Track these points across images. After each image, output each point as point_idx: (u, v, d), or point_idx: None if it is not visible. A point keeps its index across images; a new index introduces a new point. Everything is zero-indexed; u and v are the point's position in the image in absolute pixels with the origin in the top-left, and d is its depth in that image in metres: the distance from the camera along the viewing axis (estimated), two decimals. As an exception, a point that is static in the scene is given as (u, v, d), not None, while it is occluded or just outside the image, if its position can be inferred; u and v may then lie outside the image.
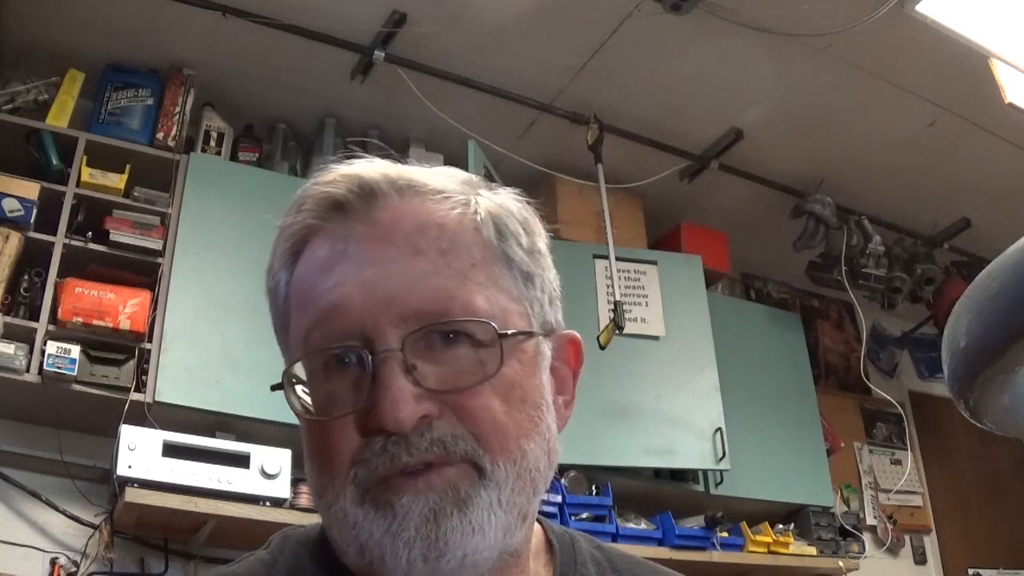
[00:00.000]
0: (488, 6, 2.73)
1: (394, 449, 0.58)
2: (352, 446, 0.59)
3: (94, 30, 2.75)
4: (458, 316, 0.60)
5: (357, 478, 0.59)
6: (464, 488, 0.58)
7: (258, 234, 3.05)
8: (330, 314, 0.60)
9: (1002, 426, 0.53)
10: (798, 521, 3.36)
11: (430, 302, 0.59)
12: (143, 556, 2.49)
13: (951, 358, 0.49)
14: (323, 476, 0.61)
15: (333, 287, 0.61)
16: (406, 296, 0.59)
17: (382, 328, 0.59)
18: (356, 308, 0.60)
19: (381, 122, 3.23)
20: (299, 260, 0.65)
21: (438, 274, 0.60)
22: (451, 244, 0.62)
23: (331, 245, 0.63)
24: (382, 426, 0.57)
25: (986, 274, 0.48)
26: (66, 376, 2.28)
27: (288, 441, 2.36)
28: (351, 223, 0.63)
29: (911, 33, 2.66)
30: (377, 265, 0.61)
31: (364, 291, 0.60)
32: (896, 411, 4.08)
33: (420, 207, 0.63)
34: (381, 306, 0.59)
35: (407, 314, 0.59)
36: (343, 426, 0.59)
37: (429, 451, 0.58)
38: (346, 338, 0.60)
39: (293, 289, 0.65)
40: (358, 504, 0.59)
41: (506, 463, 0.59)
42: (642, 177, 3.37)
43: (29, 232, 2.42)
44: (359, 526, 0.59)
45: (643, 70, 3.01)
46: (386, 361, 0.58)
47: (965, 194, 3.66)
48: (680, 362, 3.20)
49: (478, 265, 0.62)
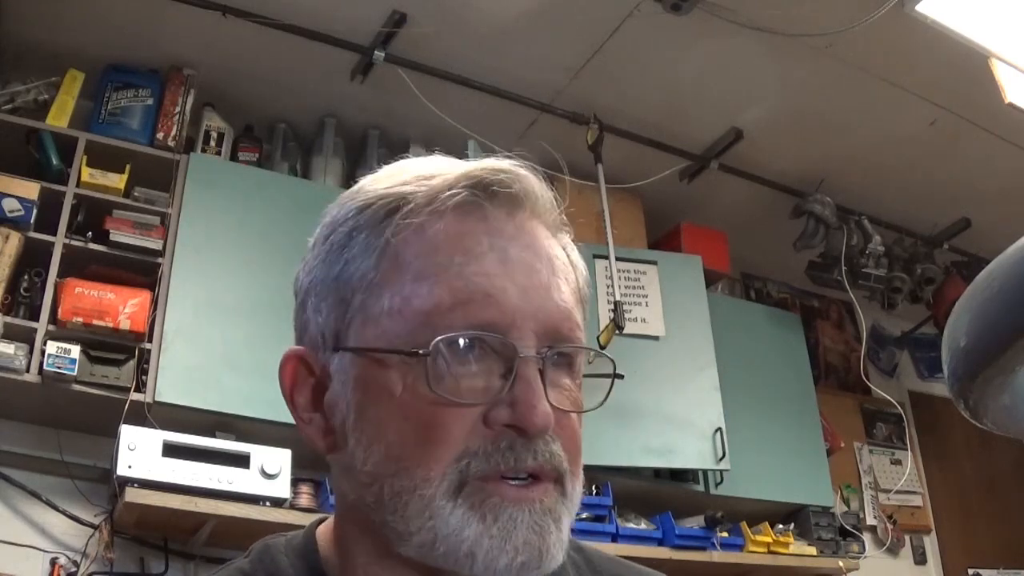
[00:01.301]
0: (488, 6, 2.73)
1: (522, 450, 0.58)
2: (467, 434, 0.58)
3: (94, 30, 2.75)
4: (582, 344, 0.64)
5: (468, 469, 0.58)
6: (557, 507, 0.60)
7: (258, 234, 3.06)
8: (480, 301, 0.59)
9: (1002, 426, 0.53)
10: (798, 521, 3.36)
11: (566, 322, 0.63)
12: (143, 556, 2.49)
13: (951, 358, 0.49)
14: (410, 458, 0.59)
15: (488, 275, 0.60)
16: (552, 312, 0.62)
17: (528, 333, 0.60)
18: (509, 305, 0.60)
19: (381, 122, 3.23)
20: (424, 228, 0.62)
21: (568, 299, 0.64)
22: (568, 277, 0.66)
23: (479, 230, 0.62)
24: (527, 425, 0.58)
25: (986, 274, 0.48)
26: (66, 376, 2.28)
27: (288, 441, 2.36)
28: (502, 217, 0.63)
29: (911, 33, 2.66)
30: (529, 272, 0.62)
31: (519, 291, 0.61)
32: (896, 411, 4.08)
33: (545, 231, 0.66)
34: (531, 312, 0.61)
35: (548, 327, 0.61)
36: (461, 413, 0.59)
37: (548, 461, 0.59)
38: (492, 329, 0.59)
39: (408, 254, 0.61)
40: (450, 496, 0.58)
41: (577, 486, 0.63)
42: (642, 177, 3.37)
43: (29, 232, 2.42)
44: (442, 519, 0.58)
45: (643, 70, 3.01)
46: (532, 365, 0.60)
47: (965, 194, 3.66)
48: (680, 362, 3.20)
49: (578, 305, 0.66)
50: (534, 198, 0.65)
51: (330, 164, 3.11)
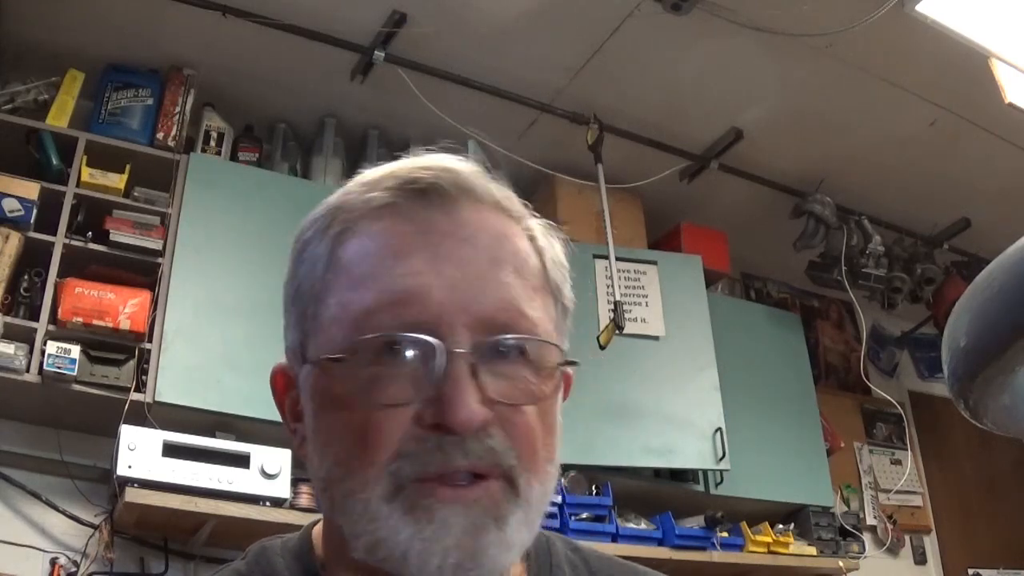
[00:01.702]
0: (488, 6, 2.73)
1: (451, 449, 0.57)
2: (398, 437, 0.58)
3: (94, 30, 2.75)
4: (527, 333, 0.61)
5: (400, 471, 0.57)
6: (502, 505, 0.58)
7: (258, 234, 3.06)
8: (404, 300, 0.59)
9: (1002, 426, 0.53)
10: (798, 521, 3.36)
11: (504, 313, 0.60)
12: (143, 556, 2.49)
13: (951, 358, 0.49)
14: (351, 462, 0.59)
15: (410, 274, 0.60)
16: (484, 302, 0.60)
17: (457, 327, 0.58)
18: (433, 301, 0.59)
19: (381, 122, 3.23)
20: (360, 234, 0.63)
21: (512, 288, 0.61)
22: (522, 264, 0.63)
23: (409, 230, 0.62)
24: (450, 423, 0.56)
25: (986, 274, 0.48)
26: (66, 376, 2.28)
27: (288, 441, 2.35)
28: (433, 213, 0.62)
29: (911, 33, 2.66)
30: (458, 264, 0.60)
31: (444, 286, 0.59)
32: (896, 411, 4.08)
33: (498, 220, 0.64)
34: (459, 305, 0.59)
35: (483, 320, 0.59)
36: (393, 415, 0.58)
37: (483, 458, 0.58)
38: (416, 328, 0.58)
39: (347, 261, 0.62)
40: (387, 499, 0.57)
41: (536, 483, 0.60)
42: (642, 177, 3.37)
43: (29, 232, 2.42)
44: (380, 521, 0.57)
45: (643, 70, 3.01)
46: (458, 360, 0.58)
47: (965, 194, 3.66)
48: (680, 362, 3.20)
49: (538, 290, 0.64)
50: (470, 189, 0.64)
51: (330, 164, 3.11)
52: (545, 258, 0.66)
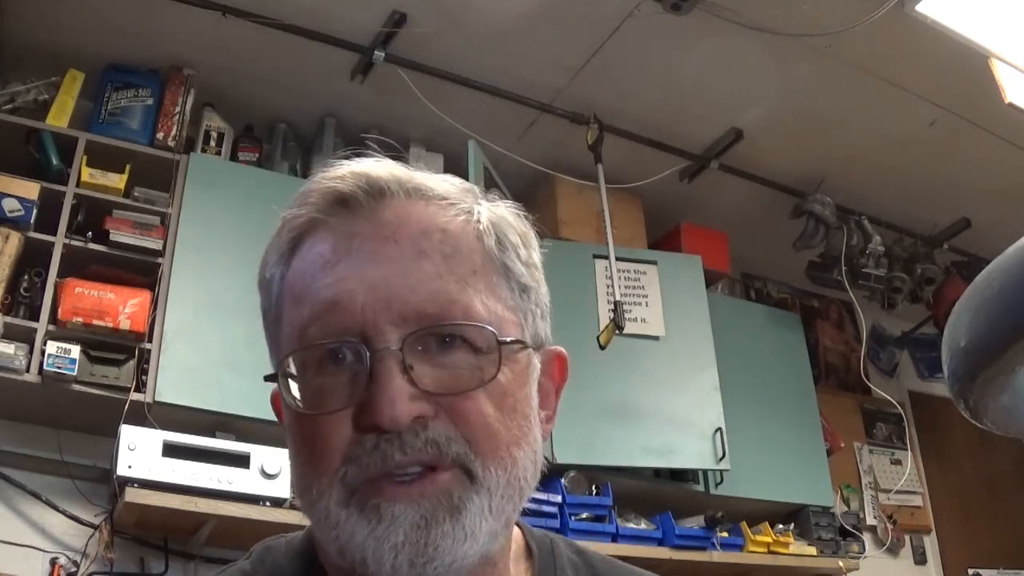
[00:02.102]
0: (488, 6, 2.73)
1: (387, 447, 0.57)
2: (343, 443, 0.58)
3: (94, 30, 2.75)
4: (458, 320, 0.60)
5: (347, 477, 0.58)
6: (457, 494, 0.58)
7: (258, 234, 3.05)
8: (330, 309, 0.60)
9: (1002, 426, 0.53)
10: (798, 521, 3.36)
11: (431, 304, 0.60)
12: (143, 556, 2.49)
13: (951, 358, 0.49)
14: (309, 473, 0.60)
15: (335, 282, 0.61)
16: (408, 296, 0.59)
17: (382, 326, 0.59)
18: (357, 305, 0.59)
19: (381, 122, 3.22)
20: (297, 253, 0.65)
21: (440, 277, 0.61)
22: (454, 250, 0.62)
23: (334, 241, 0.63)
24: (377, 423, 0.57)
25: (986, 274, 0.48)
26: (66, 376, 2.28)
27: (288, 441, 2.36)
28: (356, 220, 0.63)
29: (911, 33, 2.66)
30: (381, 263, 0.61)
31: (366, 288, 0.60)
32: (896, 411, 4.08)
33: (425, 211, 0.64)
34: (382, 304, 0.59)
35: (408, 314, 0.59)
36: (335, 422, 0.59)
37: (423, 451, 0.57)
38: (344, 334, 0.59)
39: (289, 282, 0.65)
40: (343, 504, 0.58)
41: (497, 469, 0.60)
42: (642, 177, 3.37)
43: (29, 232, 2.42)
44: (340, 527, 0.58)
45: (643, 70, 3.01)
46: (383, 359, 0.58)
47: (965, 194, 3.66)
48: (680, 362, 3.20)
49: (478, 272, 0.63)
50: (388, 189, 0.64)
51: (330, 164, 3.11)
52: (486, 240, 0.65)
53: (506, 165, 3.13)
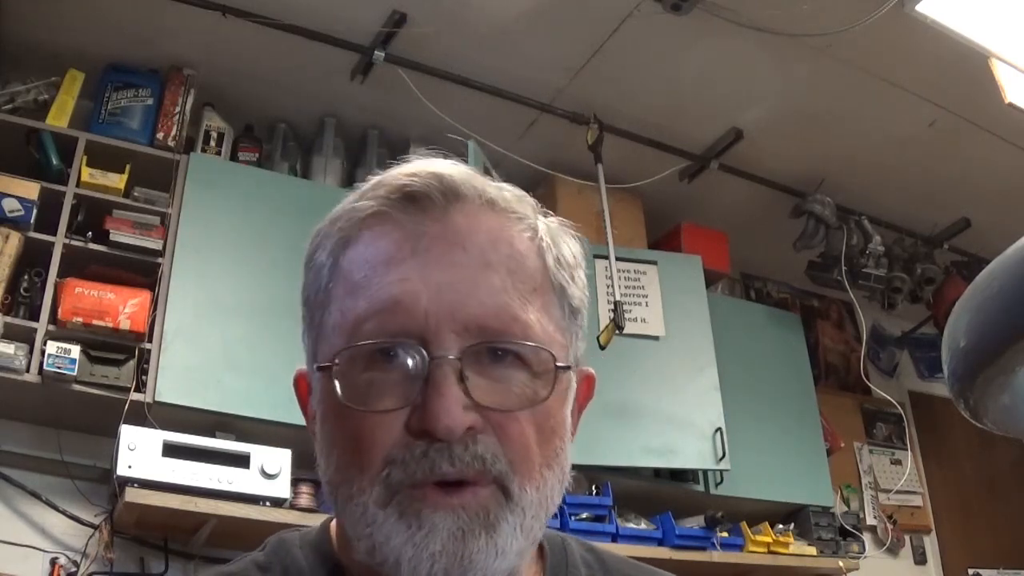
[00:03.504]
0: (488, 6, 2.73)
1: (436, 456, 0.57)
2: (390, 443, 0.58)
3: (94, 30, 2.75)
4: (518, 338, 0.60)
5: (389, 478, 0.58)
6: (493, 512, 0.58)
7: (258, 234, 3.06)
8: (392, 307, 0.59)
9: (1002, 426, 0.53)
10: (798, 521, 3.36)
11: (494, 318, 0.60)
12: (143, 556, 2.49)
13: (951, 358, 0.49)
14: (349, 467, 0.60)
15: (398, 280, 0.60)
16: (472, 307, 0.59)
17: (444, 334, 0.59)
18: (420, 307, 0.59)
19: (381, 122, 3.23)
20: (357, 243, 0.64)
21: (505, 292, 0.61)
22: (518, 265, 0.62)
23: (400, 237, 0.62)
24: (431, 430, 0.57)
25: (986, 274, 0.48)
26: (66, 376, 2.28)
27: (288, 441, 2.36)
28: (425, 220, 0.62)
29: (911, 33, 2.66)
30: (447, 269, 0.60)
31: (431, 292, 0.59)
32: (896, 411, 4.08)
33: (494, 221, 0.64)
34: (447, 311, 0.59)
35: (470, 325, 0.59)
36: (383, 421, 0.59)
37: (470, 465, 0.58)
38: (404, 334, 0.59)
39: (345, 271, 0.63)
40: (382, 505, 0.58)
41: (531, 489, 0.60)
42: (642, 177, 3.37)
43: (29, 232, 2.42)
44: (377, 526, 0.58)
45: (643, 70, 3.01)
46: (442, 366, 0.58)
47: (965, 194, 3.66)
48: (680, 362, 3.20)
49: (538, 291, 0.63)
50: (462, 194, 0.63)
51: (330, 164, 3.11)
52: (547, 258, 0.65)
53: (506, 165, 3.13)
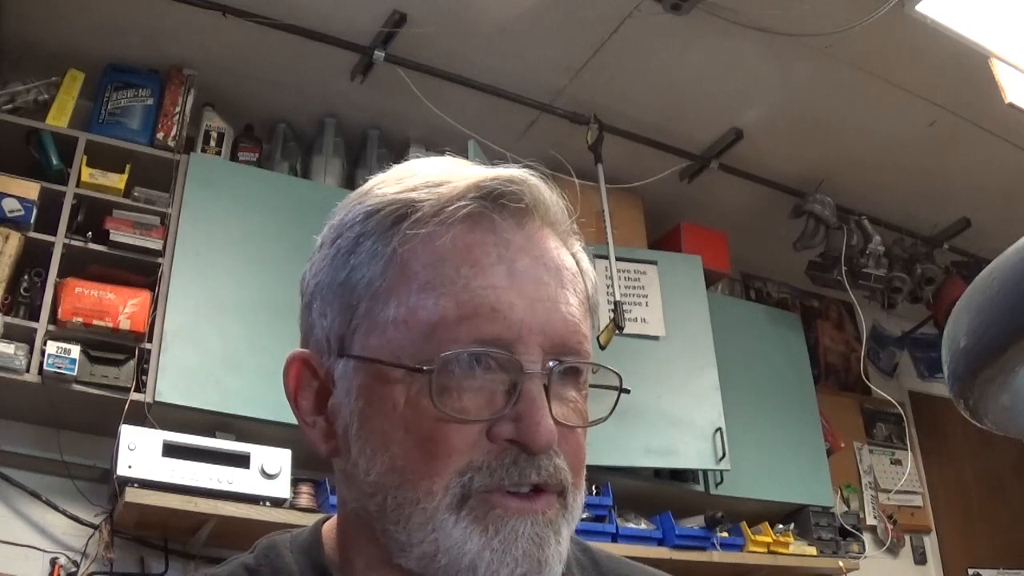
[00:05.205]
0: (488, 6, 2.73)
1: (526, 466, 0.58)
2: (470, 449, 0.58)
3: (94, 30, 2.75)
4: (586, 357, 0.63)
5: (471, 482, 0.58)
6: (558, 518, 0.61)
7: (258, 234, 3.05)
8: (487, 315, 0.59)
9: (1002, 426, 0.53)
10: (798, 521, 3.36)
11: (572, 335, 0.62)
12: (143, 556, 2.49)
13: (951, 358, 0.49)
14: (412, 470, 0.58)
15: (491, 287, 0.59)
16: (559, 325, 0.61)
17: (534, 347, 0.59)
18: (515, 320, 0.59)
19: (381, 122, 3.23)
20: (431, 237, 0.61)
21: (576, 311, 0.63)
22: (577, 287, 0.64)
23: (485, 241, 0.61)
24: (530, 442, 0.58)
25: (986, 274, 0.48)
26: (66, 376, 2.28)
27: (288, 441, 2.36)
28: (508, 227, 0.62)
29: (911, 33, 2.66)
30: (538, 285, 0.61)
31: (526, 306, 0.60)
32: (896, 411, 4.08)
33: (555, 240, 0.65)
34: (538, 327, 0.60)
35: (556, 341, 0.61)
36: (464, 428, 0.58)
37: (552, 477, 0.59)
38: (497, 344, 0.59)
39: (417, 264, 0.60)
40: (454, 509, 0.58)
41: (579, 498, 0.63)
42: (642, 177, 3.37)
43: (29, 232, 2.42)
44: (444, 532, 0.58)
45: (643, 70, 3.01)
46: (536, 380, 0.59)
47: (965, 194, 3.66)
48: (680, 362, 3.20)
49: (586, 313, 0.65)
50: (544, 207, 0.64)
51: (330, 164, 3.11)
52: (588, 281, 0.67)
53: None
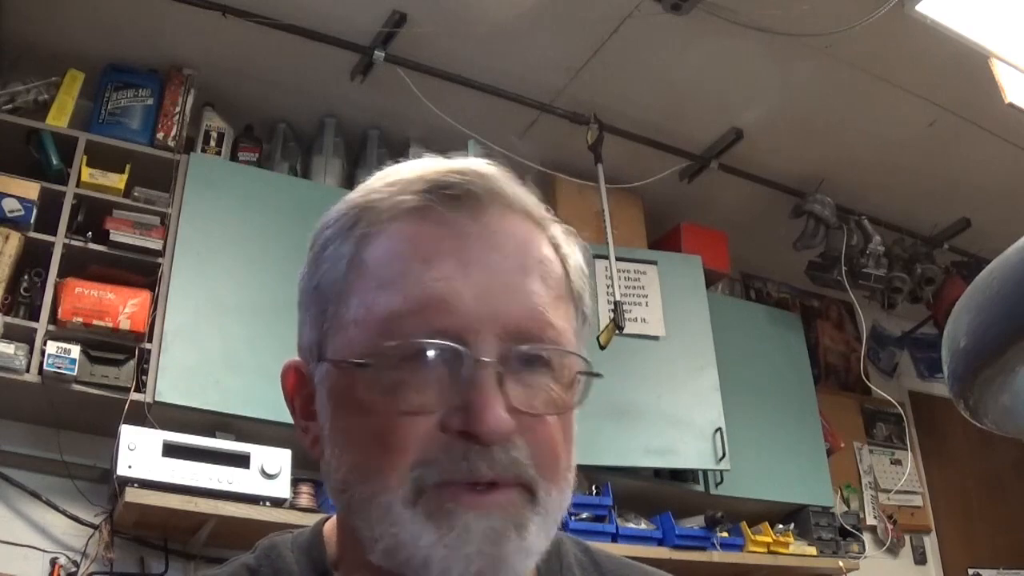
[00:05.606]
0: (488, 6, 2.73)
1: (476, 458, 0.57)
2: (422, 442, 0.57)
3: (94, 30, 2.75)
4: (553, 344, 0.61)
5: (421, 478, 0.57)
6: (522, 512, 0.58)
7: (258, 234, 3.06)
8: (434, 307, 0.58)
9: (1002, 426, 0.53)
10: (798, 521, 3.36)
11: (532, 322, 0.60)
12: (143, 556, 2.49)
13: (951, 358, 0.49)
14: (371, 466, 0.58)
15: (442, 279, 0.59)
16: (514, 311, 0.59)
17: (486, 336, 0.58)
18: (463, 308, 0.58)
19: (381, 122, 3.23)
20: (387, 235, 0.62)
21: (540, 297, 0.61)
22: (547, 272, 0.63)
23: (437, 234, 0.61)
24: (477, 433, 0.56)
25: (986, 274, 0.48)
26: (66, 376, 2.28)
27: (288, 441, 2.36)
28: (462, 217, 0.61)
29: (911, 33, 2.66)
30: (489, 272, 0.60)
31: (475, 294, 0.59)
32: (896, 411, 4.08)
33: (524, 227, 0.64)
34: (489, 314, 0.58)
35: (511, 328, 0.59)
36: (416, 421, 0.58)
37: (507, 469, 0.57)
38: (445, 334, 0.58)
39: (375, 263, 0.61)
40: (409, 505, 0.57)
41: (555, 492, 0.60)
42: (642, 177, 3.37)
43: (29, 232, 2.42)
44: (402, 526, 0.57)
45: (643, 70, 3.01)
46: (486, 369, 0.57)
47: (965, 194, 3.66)
48: (680, 362, 3.20)
49: (562, 299, 0.63)
50: (504, 196, 0.63)
51: (330, 164, 3.11)
52: (568, 265, 0.66)
53: (506, 165, 3.12)
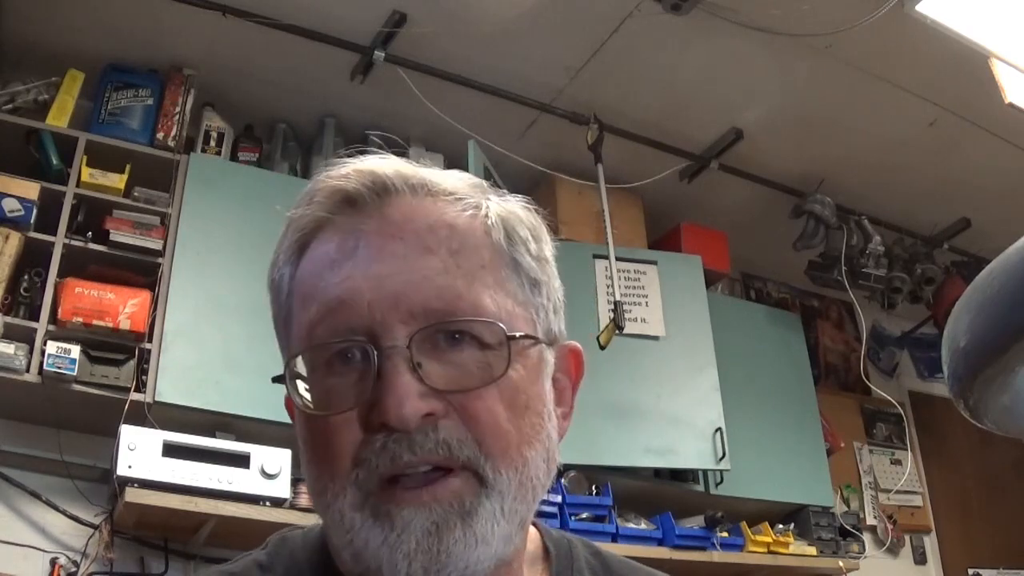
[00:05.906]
0: (488, 6, 2.73)
1: (395, 447, 0.56)
2: (353, 444, 0.57)
3: (94, 30, 2.75)
4: (466, 316, 0.59)
5: (359, 480, 0.57)
6: (468, 499, 0.57)
7: (258, 234, 3.05)
8: (337, 308, 0.59)
9: (1002, 426, 0.53)
10: (798, 521, 3.36)
11: (439, 300, 0.59)
12: (143, 556, 2.49)
13: (951, 358, 0.49)
14: (323, 475, 0.59)
15: (341, 281, 0.60)
16: (415, 293, 0.59)
17: (389, 324, 0.58)
18: (364, 303, 0.59)
19: (381, 122, 3.22)
20: (305, 254, 0.64)
21: (448, 273, 0.60)
22: (461, 245, 0.61)
23: (340, 239, 0.62)
24: (385, 421, 0.56)
25: (986, 274, 0.48)
26: (66, 376, 2.28)
27: (288, 441, 2.36)
28: (362, 218, 0.62)
29: (911, 33, 2.66)
30: (387, 261, 0.60)
31: (373, 286, 0.59)
32: (896, 411, 4.08)
33: (432, 206, 0.63)
34: (389, 302, 0.58)
35: (415, 311, 0.58)
36: (344, 423, 0.58)
37: (434, 452, 0.56)
38: (351, 333, 0.59)
39: (298, 283, 0.64)
40: (357, 508, 0.57)
41: (508, 471, 0.58)
42: (642, 177, 3.37)
43: (29, 232, 2.42)
44: (355, 531, 0.57)
45: (643, 70, 3.01)
46: (391, 357, 0.57)
47: (965, 194, 3.66)
48: (680, 362, 3.20)
49: (487, 267, 0.62)
50: (393, 187, 0.63)
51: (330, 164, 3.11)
52: (494, 234, 0.64)
53: (506, 165, 3.13)
